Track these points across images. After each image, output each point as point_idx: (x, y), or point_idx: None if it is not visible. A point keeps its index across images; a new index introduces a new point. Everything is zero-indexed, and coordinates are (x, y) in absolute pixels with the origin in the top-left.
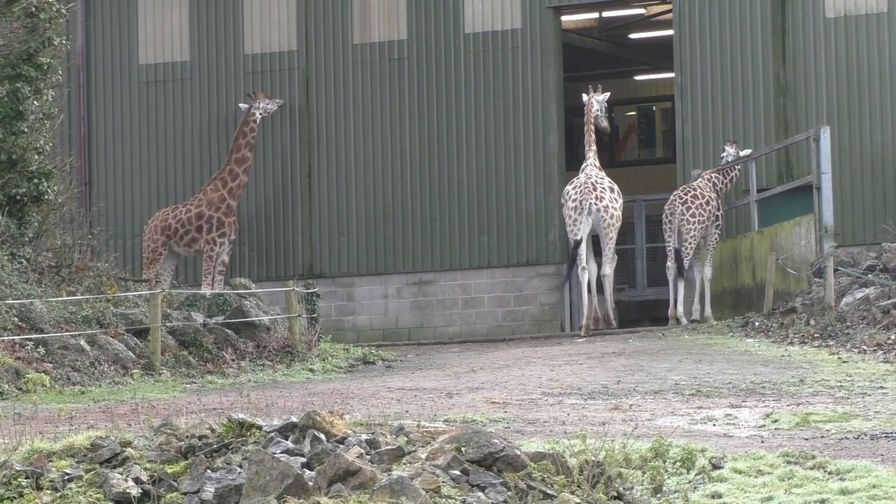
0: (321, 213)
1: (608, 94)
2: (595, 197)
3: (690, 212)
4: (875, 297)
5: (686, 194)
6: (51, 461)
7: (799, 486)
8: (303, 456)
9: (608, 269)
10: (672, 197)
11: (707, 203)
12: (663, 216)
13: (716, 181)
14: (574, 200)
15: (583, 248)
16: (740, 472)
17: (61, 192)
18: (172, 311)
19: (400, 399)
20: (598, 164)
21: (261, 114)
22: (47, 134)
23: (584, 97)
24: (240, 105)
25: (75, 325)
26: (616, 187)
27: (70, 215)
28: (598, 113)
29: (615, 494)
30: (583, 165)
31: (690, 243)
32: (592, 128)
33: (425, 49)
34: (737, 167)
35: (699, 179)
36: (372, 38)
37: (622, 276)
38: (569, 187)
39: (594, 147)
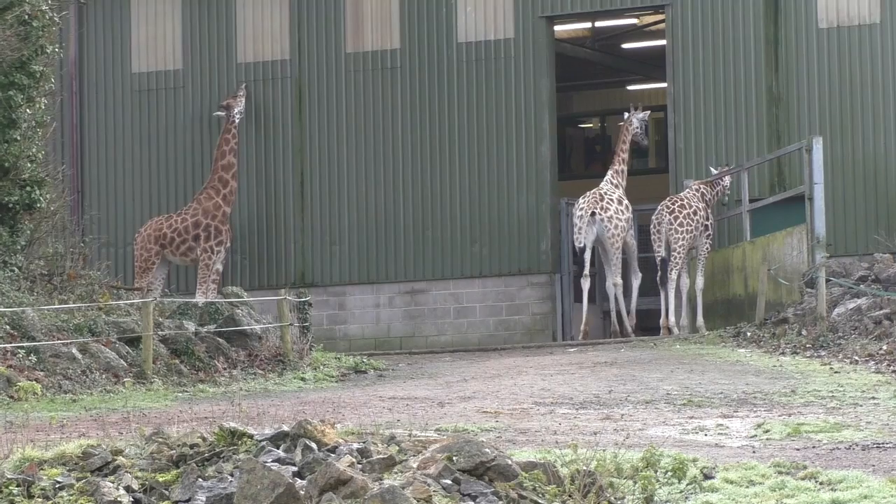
0: (313, 222)
1: (648, 112)
2: (601, 207)
3: (678, 221)
4: (867, 307)
5: (673, 204)
6: (42, 469)
7: (790, 496)
8: (294, 465)
9: (618, 279)
10: (659, 207)
11: (695, 213)
12: (651, 226)
13: (704, 191)
14: (581, 209)
15: (587, 256)
16: (732, 482)
17: (53, 200)
18: (164, 319)
19: (391, 408)
20: (615, 180)
21: (238, 118)
22: (40, 142)
23: (626, 115)
24: (215, 114)
25: (67, 333)
26: (626, 201)
27: (62, 223)
28: (638, 130)
29: None
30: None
31: (679, 253)
32: (627, 143)
33: (418, 58)
34: (722, 182)
35: (686, 190)
36: (365, 47)
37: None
38: (580, 198)
39: (619, 164)
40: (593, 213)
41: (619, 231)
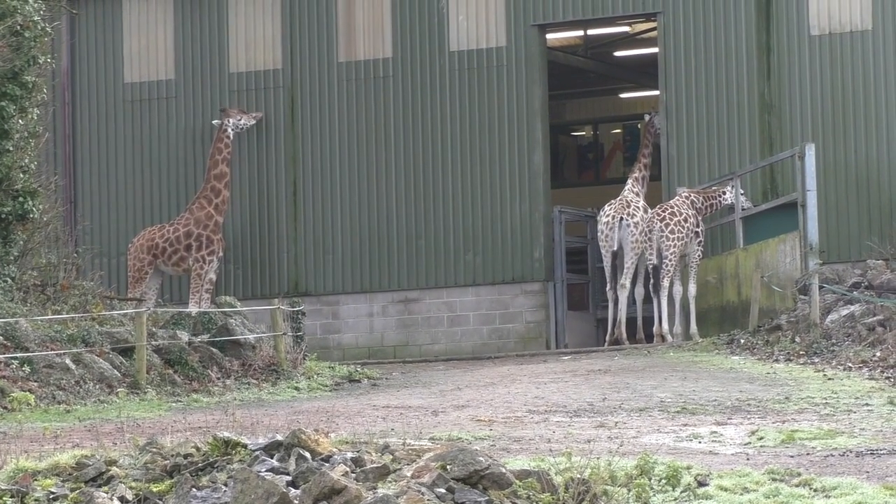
0: (306, 232)
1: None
2: (628, 213)
3: (669, 228)
4: (860, 314)
5: (664, 212)
6: (36, 480)
7: (784, 503)
8: (288, 474)
9: (626, 283)
10: (650, 215)
11: (685, 220)
12: (642, 234)
13: (694, 199)
14: (607, 216)
15: (608, 262)
16: (726, 490)
17: (46, 210)
18: (158, 329)
19: (385, 417)
20: (636, 188)
21: (233, 129)
22: (32, 152)
23: (646, 116)
24: (213, 122)
25: (60, 343)
26: (650, 211)
27: (55, 234)
28: (661, 132)
29: None
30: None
31: (671, 260)
32: (649, 148)
33: (410, 67)
34: (719, 197)
35: (676, 198)
36: (357, 56)
37: (605, 294)
38: (605, 206)
39: (640, 171)
40: (621, 219)
41: (643, 238)
